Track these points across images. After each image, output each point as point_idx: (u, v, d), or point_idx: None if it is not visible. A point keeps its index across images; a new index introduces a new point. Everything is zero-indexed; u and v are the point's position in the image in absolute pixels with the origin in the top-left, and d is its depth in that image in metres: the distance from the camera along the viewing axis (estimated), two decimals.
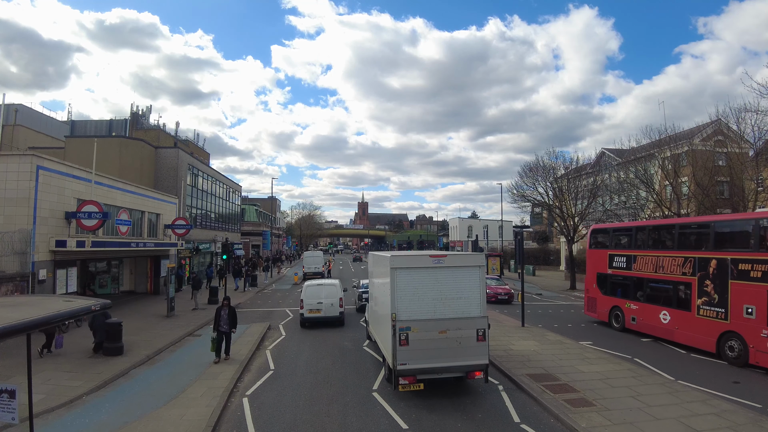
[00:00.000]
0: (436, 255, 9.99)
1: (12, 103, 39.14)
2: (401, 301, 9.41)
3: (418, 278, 9.57)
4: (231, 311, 12.63)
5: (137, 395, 9.82)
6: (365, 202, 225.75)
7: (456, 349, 9.38)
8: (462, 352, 9.41)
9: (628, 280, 16.63)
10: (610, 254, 17.54)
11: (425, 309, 9.45)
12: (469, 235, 70.76)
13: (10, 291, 14.85)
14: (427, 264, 9.70)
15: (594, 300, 18.49)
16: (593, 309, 18.53)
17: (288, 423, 8.34)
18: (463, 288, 9.66)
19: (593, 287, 18.50)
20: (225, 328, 12.46)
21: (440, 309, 9.49)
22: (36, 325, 4.59)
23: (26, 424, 5.47)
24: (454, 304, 9.55)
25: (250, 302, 25.44)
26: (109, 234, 20.66)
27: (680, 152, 30.36)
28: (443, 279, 9.61)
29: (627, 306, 16.62)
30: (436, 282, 9.56)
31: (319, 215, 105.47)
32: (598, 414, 8.46)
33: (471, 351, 9.44)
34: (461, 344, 9.40)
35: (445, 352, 9.36)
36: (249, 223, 60.88)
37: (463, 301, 9.60)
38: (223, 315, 12.49)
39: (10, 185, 16.10)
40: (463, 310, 9.56)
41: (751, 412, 8.57)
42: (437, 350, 9.33)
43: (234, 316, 12.67)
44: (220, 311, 12.54)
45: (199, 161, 38.83)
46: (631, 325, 16.40)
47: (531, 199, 36.36)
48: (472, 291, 9.68)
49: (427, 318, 9.39)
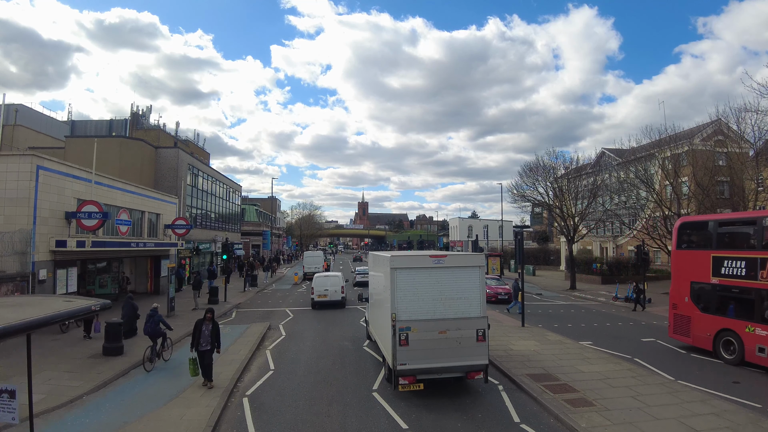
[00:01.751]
0: (437, 255, 9.96)
1: (12, 103, 39.14)
2: (401, 302, 9.38)
3: (418, 278, 9.54)
4: (214, 327, 10.54)
5: (137, 395, 9.82)
6: (365, 202, 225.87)
7: (456, 350, 9.36)
8: (462, 353, 9.40)
9: (750, 293, 12.04)
10: (716, 257, 13.08)
11: (425, 309, 9.43)
12: (469, 235, 70.74)
13: (11, 291, 14.86)
14: (427, 264, 9.67)
15: (686, 319, 13.90)
16: (685, 331, 14.01)
17: (288, 423, 8.34)
18: (463, 288, 9.64)
19: (685, 301, 13.91)
20: (206, 347, 10.26)
21: (440, 309, 9.48)
22: (36, 325, 4.59)
23: (26, 424, 5.47)
24: (454, 304, 9.54)
25: (250, 302, 25.45)
26: (109, 234, 20.66)
27: (680, 152, 30.35)
28: (443, 279, 9.58)
29: (748, 330, 12.03)
30: (436, 282, 9.54)
31: (319, 215, 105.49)
32: (598, 414, 8.46)
33: (471, 351, 9.44)
34: (461, 344, 9.39)
35: (445, 352, 9.33)
36: (249, 223, 60.86)
37: (463, 302, 9.58)
38: (205, 331, 10.34)
39: (10, 185, 16.10)
40: (463, 310, 9.54)
41: (751, 412, 8.57)
42: (437, 350, 9.30)
43: (218, 334, 10.55)
44: (201, 326, 10.36)
45: (199, 161, 38.84)
46: (757, 357, 11.75)
47: (531, 199, 36.36)
48: (472, 291, 9.66)
49: (427, 318, 9.37)
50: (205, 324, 10.37)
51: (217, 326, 10.63)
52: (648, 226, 30.65)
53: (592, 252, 45.90)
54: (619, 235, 43.36)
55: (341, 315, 20.73)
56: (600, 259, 40.72)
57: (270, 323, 18.24)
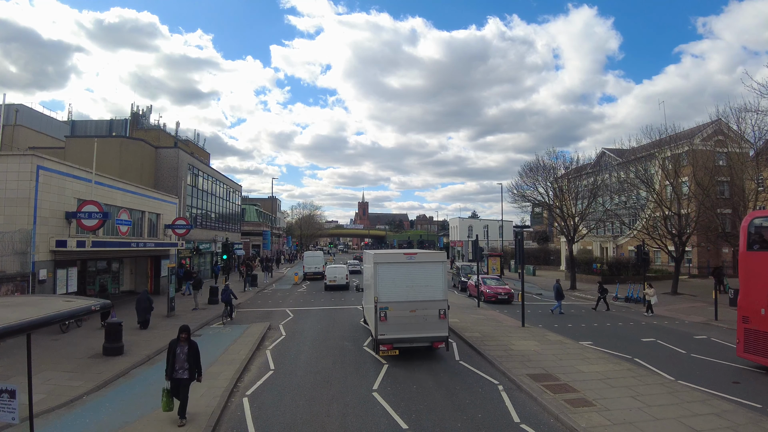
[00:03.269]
0: (409, 253, 12.90)
1: (12, 103, 39.15)
2: (382, 288, 12.29)
3: (395, 270, 12.44)
4: (192, 349, 8.36)
5: (137, 395, 9.82)
6: (365, 202, 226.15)
7: (423, 324, 12.20)
8: (427, 327, 12.23)
9: None
10: None
11: (400, 293, 12.25)
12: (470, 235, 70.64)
13: (11, 291, 14.86)
14: (402, 260, 12.63)
15: (763, 336, 11.37)
16: (758, 349, 11.49)
17: (288, 423, 8.34)
18: (429, 278, 12.44)
19: (762, 314, 11.30)
20: (183, 374, 8.20)
21: (411, 294, 12.27)
22: (36, 325, 4.59)
23: (26, 424, 5.46)
24: (421, 290, 12.33)
25: (250, 302, 25.46)
26: (110, 234, 20.67)
27: (680, 152, 30.35)
28: (414, 271, 12.46)
29: None
30: (408, 273, 12.41)
31: (320, 215, 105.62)
32: (598, 414, 8.46)
33: (434, 326, 12.26)
34: (427, 320, 12.21)
35: (414, 326, 12.18)
36: (249, 223, 60.86)
37: (429, 288, 12.37)
38: (180, 354, 8.23)
39: (10, 185, 16.11)
40: (429, 295, 12.32)
41: (751, 412, 8.57)
42: (408, 325, 12.15)
43: (197, 356, 8.39)
44: (175, 348, 8.27)
45: (200, 161, 38.84)
46: None
47: (531, 199, 36.34)
48: (436, 281, 12.47)
49: (401, 300, 12.19)
50: (180, 345, 8.30)
51: (195, 347, 8.44)
52: (648, 226, 30.65)
53: (593, 252, 45.89)
54: (619, 235, 43.35)
55: (341, 314, 20.75)
56: (600, 259, 40.71)
57: (270, 323, 18.24)
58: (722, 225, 27.16)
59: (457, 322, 17.72)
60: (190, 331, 8.60)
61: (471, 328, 16.79)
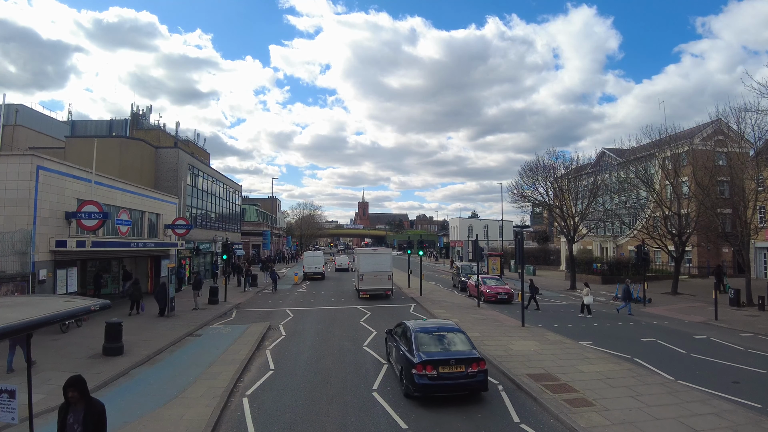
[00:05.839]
0: (374, 249, 30.34)
1: (12, 103, 39.18)
2: (360, 265, 26.79)
3: (367, 257, 26.90)
4: (90, 413, 5.04)
5: (137, 395, 9.82)
6: (365, 202, 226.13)
7: (380, 282, 25.90)
8: (382, 284, 26.01)
9: None
10: None
11: (369, 268, 26.05)
12: (470, 234, 70.60)
13: (11, 291, 14.86)
14: (370, 252, 28.16)
15: None
16: None
17: (288, 423, 8.34)
18: (383, 260, 26.48)
19: None
20: None
21: (374, 268, 25.96)
22: (36, 325, 4.59)
23: (26, 424, 5.47)
24: (379, 266, 26.06)
25: (250, 302, 25.46)
26: (110, 234, 20.67)
27: (680, 152, 30.38)
28: (376, 257, 26.76)
29: None
30: (373, 258, 26.58)
31: (320, 215, 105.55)
32: (598, 414, 8.47)
33: (386, 283, 26.12)
34: (381, 280, 25.90)
35: (376, 283, 25.84)
36: (249, 223, 60.89)
37: (383, 264, 26.26)
38: (74, 424, 5.01)
39: (10, 185, 16.10)
40: (383, 268, 26.19)
41: (751, 412, 8.57)
42: (373, 282, 25.82)
43: (99, 423, 5.08)
44: (67, 414, 5.08)
45: (199, 161, 38.83)
46: None
47: (531, 198, 36.35)
48: (386, 262, 26.49)
49: (369, 271, 25.98)
50: (72, 411, 5.07)
51: (96, 411, 5.10)
52: (648, 225, 30.65)
53: (593, 252, 45.91)
54: (619, 235, 43.37)
55: (341, 314, 20.76)
56: (600, 259, 40.72)
57: (270, 323, 18.24)
58: (722, 225, 27.15)
59: (456, 321, 17.67)
60: (86, 386, 5.14)
61: (471, 328, 16.76)
